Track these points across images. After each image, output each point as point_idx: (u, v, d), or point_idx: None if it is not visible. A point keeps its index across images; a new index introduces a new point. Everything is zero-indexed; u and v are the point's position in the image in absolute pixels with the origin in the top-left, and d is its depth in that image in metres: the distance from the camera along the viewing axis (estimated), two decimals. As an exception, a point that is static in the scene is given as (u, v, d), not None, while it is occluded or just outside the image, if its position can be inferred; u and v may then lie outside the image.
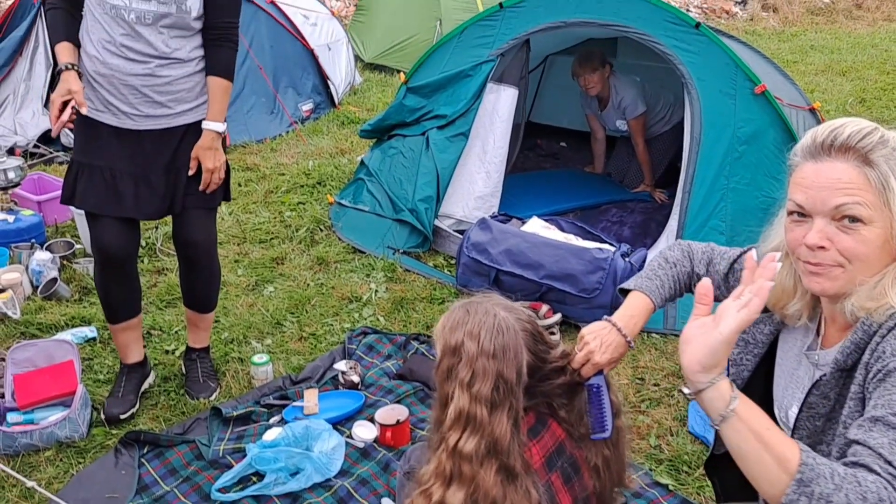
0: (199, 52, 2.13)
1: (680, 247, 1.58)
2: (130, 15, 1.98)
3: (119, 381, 2.37)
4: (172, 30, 2.05)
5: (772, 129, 3.21)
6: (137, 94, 2.06)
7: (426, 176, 3.66)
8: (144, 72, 2.04)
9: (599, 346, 1.45)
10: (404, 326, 3.00)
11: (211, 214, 2.34)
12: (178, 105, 2.12)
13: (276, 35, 5.31)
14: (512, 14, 3.67)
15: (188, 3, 2.02)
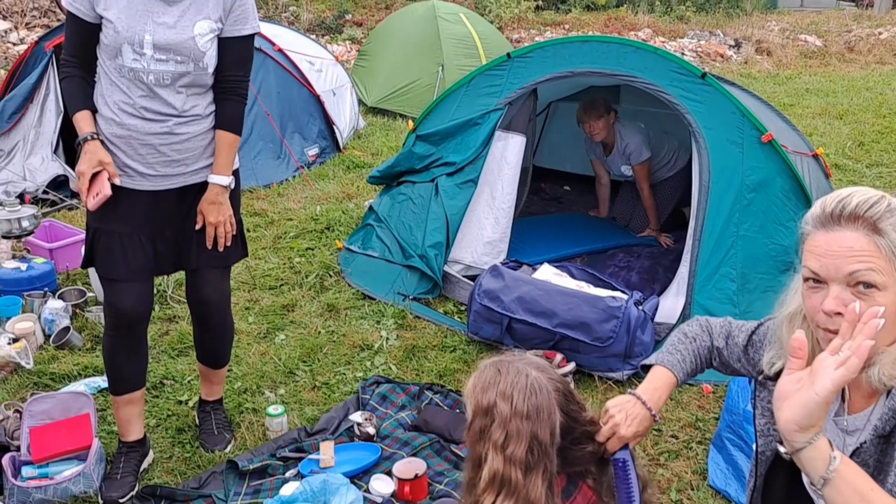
0: (214, 108, 2.14)
1: (698, 322, 1.61)
2: (149, 77, 1.98)
3: (118, 461, 2.29)
4: (190, 88, 2.04)
5: (779, 177, 3.25)
6: (155, 153, 2.05)
7: (436, 222, 3.68)
8: (163, 130, 2.04)
9: (625, 419, 1.45)
10: (417, 375, 2.98)
11: (225, 273, 2.33)
12: (194, 162, 2.12)
13: (283, 82, 5.40)
14: (520, 64, 3.74)
15: (205, 60, 2.03)
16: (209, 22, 2.01)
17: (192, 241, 2.18)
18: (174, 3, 1.98)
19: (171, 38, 1.96)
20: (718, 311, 3.10)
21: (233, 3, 2.05)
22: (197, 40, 1.98)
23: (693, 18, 13.41)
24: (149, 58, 1.95)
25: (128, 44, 1.93)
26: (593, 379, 2.95)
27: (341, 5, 11.36)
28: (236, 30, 2.07)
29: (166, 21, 1.96)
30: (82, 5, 1.95)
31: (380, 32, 8.30)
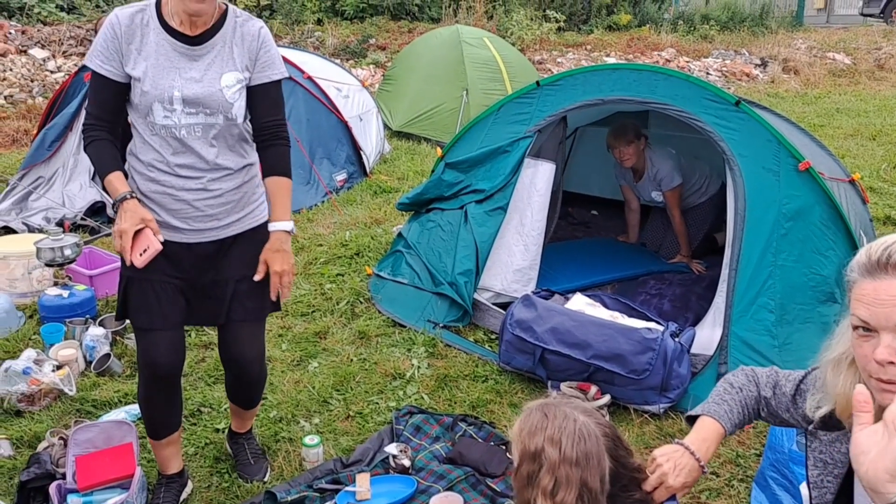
0: (246, 160, 2.11)
1: (744, 372, 1.60)
2: (181, 131, 1.97)
3: (158, 492, 2.32)
4: (221, 139, 2.03)
5: (818, 205, 3.21)
6: (189, 209, 2.04)
7: (465, 249, 3.69)
8: (197, 186, 2.03)
9: (673, 468, 1.43)
10: (449, 406, 2.98)
11: (261, 326, 2.27)
12: (227, 216, 2.10)
13: (312, 109, 5.47)
14: (549, 92, 3.76)
15: (234, 111, 2.01)
16: (236, 73, 2.00)
17: (225, 293, 2.14)
18: (200, 56, 1.97)
19: (199, 92, 1.95)
20: (757, 343, 3.06)
21: (258, 50, 2.04)
22: (224, 92, 1.97)
23: (717, 37, 13.36)
24: (179, 113, 1.94)
25: (158, 101, 1.93)
26: (629, 412, 2.92)
27: (365, 30, 11.51)
28: (266, 76, 2.05)
29: (193, 75, 1.95)
30: (112, 66, 1.93)
31: (404, 57, 8.39)
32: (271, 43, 2.07)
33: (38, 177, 4.78)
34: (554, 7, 13.87)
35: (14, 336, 3.33)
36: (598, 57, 11.51)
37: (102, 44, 1.93)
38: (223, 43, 1.99)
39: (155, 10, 1.97)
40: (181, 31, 1.95)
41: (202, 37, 1.97)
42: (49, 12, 10.07)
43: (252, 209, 2.17)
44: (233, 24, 2.02)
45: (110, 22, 1.94)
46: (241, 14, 2.06)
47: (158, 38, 1.94)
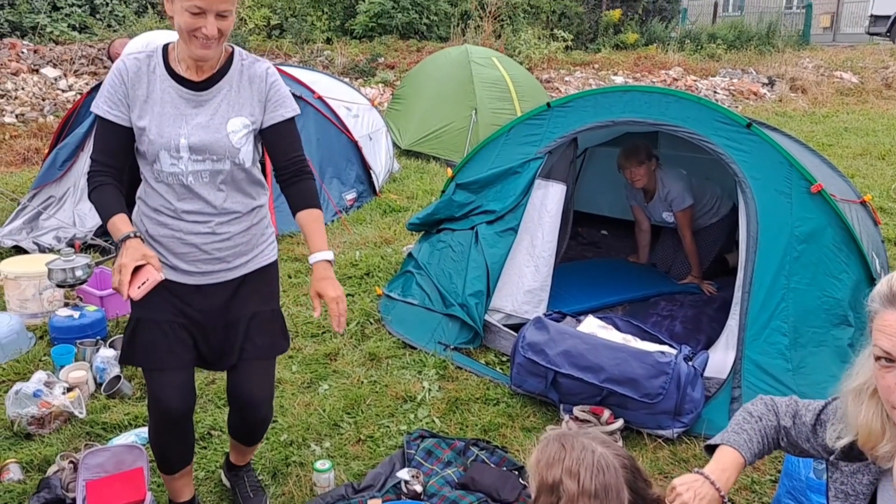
0: (255, 202, 2.07)
1: (763, 401, 1.58)
2: (188, 178, 1.94)
3: None
4: (229, 184, 1.99)
5: (830, 227, 3.19)
6: (197, 252, 2.01)
7: (476, 270, 3.68)
8: (205, 230, 2.00)
9: (693, 498, 1.41)
10: (461, 429, 2.95)
11: (270, 365, 2.20)
12: (235, 259, 2.06)
13: (322, 128, 5.50)
14: (560, 113, 3.76)
15: (241, 156, 1.97)
16: (242, 118, 1.96)
17: (237, 334, 2.10)
18: (206, 101, 1.94)
19: (206, 138, 1.92)
20: (770, 367, 3.04)
21: (268, 91, 2.00)
22: (231, 137, 1.94)
23: (724, 56, 13.42)
24: (186, 160, 1.92)
25: (164, 150, 1.91)
26: (642, 436, 2.89)
27: (374, 49, 11.61)
28: (279, 115, 2.01)
29: (200, 122, 1.93)
30: (119, 111, 1.91)
31: (413, 76, 8.45)
32: (280, 82, 2.04)
33: (49, 196, 4.80)
34: (561, 26, 13.98)
35: (25, 357, 3.33)
36: (605, 76, 11.56)
37: (109, 89, 1.91)
38: (229, 86, 1.96)
39: (162, 56, 1.94)
40: (187, 76, 1.93)
41: (208, 81, 1.94)
42: (61, 31, 10.22)
43: (262, 249, 2.13)
44: (239, 67, 1.98)
45: (118, 68, 1.92)
46: (247, 56, 2.02)
47: (164, 85, 1.92)
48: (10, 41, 9.15)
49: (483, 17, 12.84)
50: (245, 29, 11.87)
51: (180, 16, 1.81)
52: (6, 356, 3.29)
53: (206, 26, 1.80)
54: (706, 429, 2.94)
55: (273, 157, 2.06)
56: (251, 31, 11.95)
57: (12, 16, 10.01)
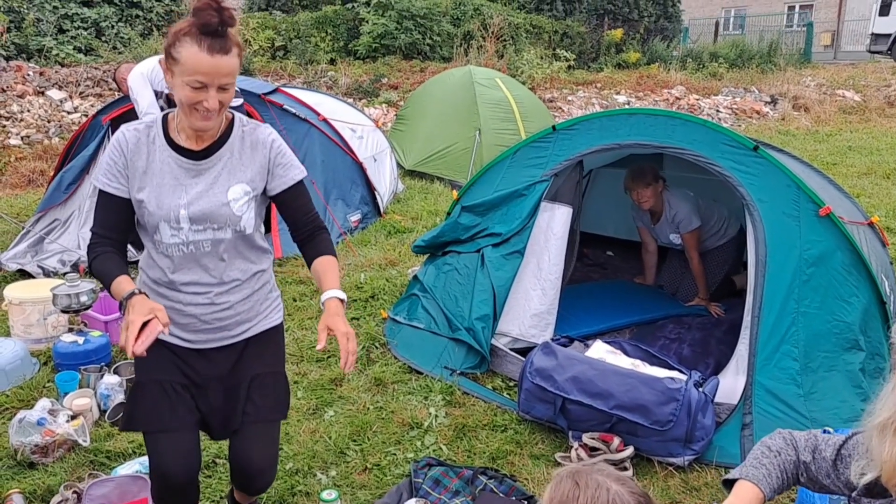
0: (257, 268, 2.03)
1: (781, 435, 1.56)
2: (189, 248, 1.91)
3: None
4: (230, 252, 1.96)
5: (839, 250, 3.17)
6: (198, 322, 1.97)
7: (482, 294, 3.66)
8: (205, 301, 1.96)
9: None
10: (468, 457, 2.92)
11: (274, 429, 2.10)
12: (237, 326, 2.02)
13: (327, 150, 5.51)
14: (565, 136, 3.76)
15: (242, 224, 1.93)
16: (242, 185, 1.93)
17: (239, 396, 2.03)
18: (206, 170, 1.91)
19: (206, 208, 1.89)
20: (781, 392, 3.00)
21: (274, 158, 1.96)
22: (232, 205, 1.91)
23: (726, 75, 13.47)
24: (186, 231, 1.89)
25: (164, 221, 1.87)
26: (652, 464, 2.85)
27: (377, 69, 11.69)
28: (290, 179, 1.98)
29: (199, 191, 1.90)
30: (119, 183, 1.88)
31: (417, 97, 8.49)
32: (283, 146, 2.00)
33: (54, 219, 4.81)
34: (563, 46, 14.07)
35: (28, 384, 3.31)
36: (608, 95, 11.61)
37: (109, 162, 1.88)
38: (230, 154, 1.93)
39: (162, 126, 1.92)
40: (187, 146, 1.90)
41: (208, 150, 1.91)
42: (67, 54, 10.30)
43: (266, 314, 2.08)
44: (240, 133, 1.95)
45: (118, 140, 1.89)
46: (248, 123, 1.99)
47: (164, 155, 1.89)
48: (17, 63, 9.22)
49: (485, 37, 12.93)
50: (249, 50, 11.96)
51: (181, 90, 1.78)
52: (10, 382, 3.26)
53: (207, 100, 1.77)
54: (717, 456, 2.90)
55: (287, 219, 2.03)
56: (255, 53, 12.04)
57: (18, 38, 10.10)
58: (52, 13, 10.68)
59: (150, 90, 4.49)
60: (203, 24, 1.73)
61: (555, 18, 14.89)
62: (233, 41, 1.79)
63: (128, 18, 11.77)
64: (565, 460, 2.87)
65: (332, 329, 1.88)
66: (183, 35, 1.75)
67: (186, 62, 1.74)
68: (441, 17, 13.16)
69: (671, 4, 17.23)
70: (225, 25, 1.76)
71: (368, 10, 12.80)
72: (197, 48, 1.73)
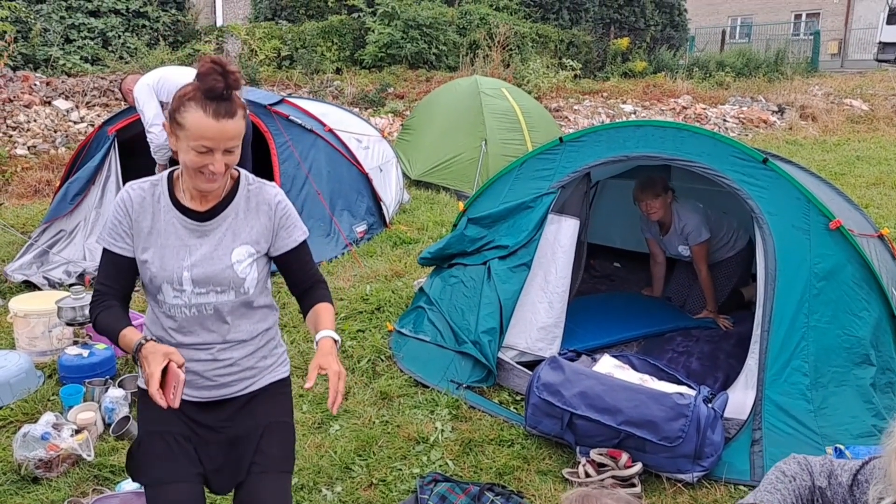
0: (263, 326, 1.99)
1: (796, 460, 1.54)
2: (192, 310, 1.87)
3: None
4: (234, 314, 1.92)
5: (849, 264, 3.13)
6: (200, 379, 1.93)
7: (489, 307, 3.63)
8: (207, 357, 1.92)
9: None
10: (475, 473, 2.89)
11: (286, 481, 2.00)
12: (239, 383, 1.96)
13: (333, 161, 5.51)
14: (572, 148, 3.74)
15: (245, 285, 1.90)
16: (247, 247, 1.90)
17: (247, 449, 1.96)
18: (210, 231, 1.88)
19: (209, 270, 1.86)
20: (791, 408, 2.97)
21: (279, 218, 1.93)
22: (235, 268, 1.88)
23: (733, 84, 13.44)
24: (189, 293, 1.85)
25: (167, 283, 1.85)
26: (661, 480, 2.82)
27: (383, 79, 11.71)
28: (293, 240, 1.96)
29: (203, 253, 1.87)
30: (124, 243, 1.87)
31: (423, 107, 8.49)
32: (289, 206, 1.97)
33: (60, 230, 4.81)
34: (570, 55, 14.07)
35: (33, 397, 3.29)
36: (614, 104, 11.59)
37: (113, 221, 1.87)
38: (235, 214, 1.90)
39: (167, 184, 1.89)
40: (192, 206, 1.87)
41: (213, 211, 1.88)
42: (74, 64, 10.32)
43: (271, 369, 2.02)
44: (245, 193, 1.92)
45: (122, 199, 1.87)
46: (254, 181, 1.95)
47: (169, 216, 1.87)
48: (23, 73, 9.25)
49: (492, 46, 12.95)
50: (255, 60, 12.01)
51: (186, 154, 1.76)
52: (14, 396, 3.25)
53: (213, 163, 1.75)
54: (727, 472, 2.87)
55: (288, 278, 2.01)
56: (261, 63, 12.08)
57: (25, 48, 10.14)
58: (59, 23, 10.73)
59: (155, 101, 4.50)
60: (208, 90, 1.71)
61: (561, 27, 14.90)
62: (238, 103, 1.76)
63: (134, 28, 11.81)
64: (573, 476, 2.84)
65: (323, 367, 1.81)
66: (188, 100, 1.73)
67: (192, 127, 1.72)
68: (447, 26, 13.19)
69: (677, 13, 17.23)
70: (230, 89, 1.73)
71: (374, 20, 12.84)
72: (202, 113, 1.71)
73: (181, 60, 10.95)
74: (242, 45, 12.34)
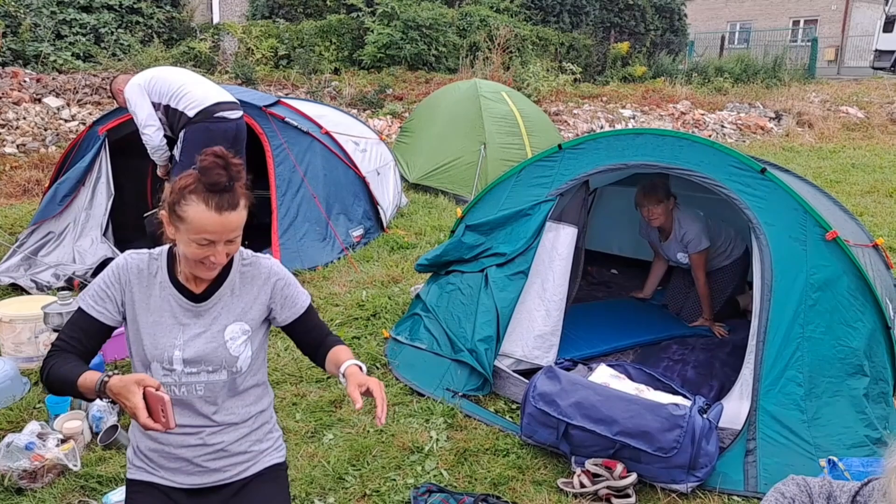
0: (256, 409, 1.93)
1: (794, 482, 1.52)
2: (181, 389, 1.80)
3: None
4: (225, 395, 1.85)
5: (845, 275, 3.12)
6: (189, 465, 1.85)
7: (486, 315, 3.60)
8: (196, 442, 1.85)
9: None
10: (469, 483, 2.85)
11: None
12: (231, 468, 1.89)
13: (329, 164, 5.46)
14: (571, 156, 3.71)
15: (238, 364, 1.83)
16: (241, 324, 1.84)
17: None
18: (204, 313, 1.82)
19: (201, 349, 1.79)
20: (785, 418, 2.95)
21: (279, 291, 1.89)
22: (229, 345, 1.82)
23: (731, 90, 13.44)
24: (179, 372, 1.78)
25: (157, 361, 1.78)
26: (655, 491, 2.79)
27: (382, 80, 11.66)
28: (298, 309, 1.92)
29: (196, 332, 1.80)
30: (106, 309, 1.77)
31: (422, 110, 8.46)
32: (287, 276, 1.93)
33: (49, 232, 4.74)
34: (570, 59, 14.06)
35: (18, 405, 3.23)
36: (613, 108, 11.59)
37: (101, 285, 1.78)
38: (230, 292, 1.85)
39: (166, 260, 1.84)
40: (187, 286, 1.82)
41: (207, 291, 1.83)
42: (65, 60, 10.15)
43: (265, 453, 1.96)
44: (239, 269, 1.88)
45: (117, 265, 1.80)
46: (248, 257, 1.90)
47: (165, 293, 1.80)
48: (13, 70, 9.12)
49: (492, 49, 12.92)
50: (252, 59, 11.95)
51: (186, 246, 1.70)
52: None
53: (215, 255, 1.71)
54: (721, 483, 2.85)
55: (299, 342, 1.97)
56: (258, 62, 12.02)
57: (15, 44, 9.98)
58: (50, 18, 10.57)
59: (147, 101, 4.43)
60: (212, 184, 1.66)
61: (561, 31, 14.89)
62: (240, 193, 1.71)
63: (128, 25, 11.64)
64: (567, 486, 2.81)
65: (362, 384, 1.76)
66: (189, 193, 1.67)
67: (193, 221, 1.67)
68: (447, 27, 13.15)
69: (677, 18, 17.25)
70: (233, 181, 1.69)
71: (373, 20, 12.79)
72: (204, 207, 1.66)
73: (175, 58, 10.85)
74: (239, 43, 12.27)
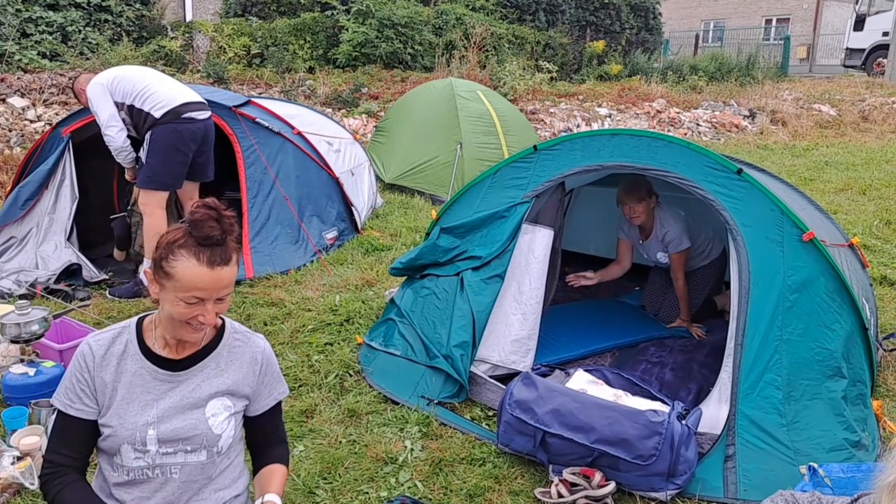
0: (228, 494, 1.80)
1: (783, 498, 1.48)
2: (154, 472, 1.67)
3: None
4: (203, 478, 1.73)
5: (822, 276, 3.10)
6: None
7: (461, 320, 3.54)
8: None
9: None
10: (445, 495, 2.79)
11: None
12: None
13: (302, 165, 5.36)
14: (546, 157, 3.66)
15: (220, 443, 1.71)
16: (224, 399, 1.72)
17: None
18: (182, 383, 1.69)
19: (179, 427, 1.66)
20: (764, 422, 2.92)
21: (264, 377, 1.79)
22: (210, 422, 1.69)
23: (706, 88, 13.53)
24: (153, 453, 1.65)
25: (127, 443, 1.64)
26: (634, 499, 2.75)
27: (357, 79, 11.54)
28: (273, 399, 1.83)
29: (171, 404, 1.67)
30: (84, 405, 1.66)
31: (398, 109, 8.37)
32: (273, 360, 1.84)
33: (10, 237, 4.58)
34: (546, 57, 14.06)
35: (-26, 421, 3.10)
36: (590, 107, 11.59)
37: (72, 380, 1.67)
38: (216, 364, 1.73)
39: (136, 332, 1.71)
40: (164, 354, 1.69)
41: (190, 359, 1.71)
42: (30, 59, 9.88)
43: None
44: (230, 342, 1.77)
45: (82, 353, 1.68)
46: (240, 332, 1.80)
47: (136, 366, 1.67)
48: (-25, 69, 8.91)
49: (468, 47, 12.86)
50: (224, 58, 11.76)
51: (173, 305, 1.59)
52: (-46, 418, 3.06)
53: (204, 314, 1.60)
54: (700, 489, 2.82)
55: (253, 435, 1.85)
56: (230, 60, 11.83)
57: (-23, 43, 9.74)
58: (15, 16, 10.27)
59: (110, 101, 4.29)
60: (205, 238, 1.56)
61: (537, 29, 14.87)
62: (232, 247, 1.62)
63: (96, 23, 11.38)
64: (545, 496, 2.76)
65: None
66: (178, 247, 1.57)
67: (183, 278, 1.57)
68: (423, 26, 13.07)
69: (652, 16, 17.33)
70: (226, 234, 1.59)
71: (348, 18, 12.67)
72: (195, 262, 1.56)
73: (145, 57, 10.63)
74: (211, 42, 12.06)
